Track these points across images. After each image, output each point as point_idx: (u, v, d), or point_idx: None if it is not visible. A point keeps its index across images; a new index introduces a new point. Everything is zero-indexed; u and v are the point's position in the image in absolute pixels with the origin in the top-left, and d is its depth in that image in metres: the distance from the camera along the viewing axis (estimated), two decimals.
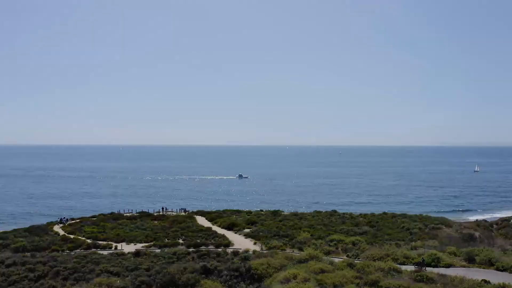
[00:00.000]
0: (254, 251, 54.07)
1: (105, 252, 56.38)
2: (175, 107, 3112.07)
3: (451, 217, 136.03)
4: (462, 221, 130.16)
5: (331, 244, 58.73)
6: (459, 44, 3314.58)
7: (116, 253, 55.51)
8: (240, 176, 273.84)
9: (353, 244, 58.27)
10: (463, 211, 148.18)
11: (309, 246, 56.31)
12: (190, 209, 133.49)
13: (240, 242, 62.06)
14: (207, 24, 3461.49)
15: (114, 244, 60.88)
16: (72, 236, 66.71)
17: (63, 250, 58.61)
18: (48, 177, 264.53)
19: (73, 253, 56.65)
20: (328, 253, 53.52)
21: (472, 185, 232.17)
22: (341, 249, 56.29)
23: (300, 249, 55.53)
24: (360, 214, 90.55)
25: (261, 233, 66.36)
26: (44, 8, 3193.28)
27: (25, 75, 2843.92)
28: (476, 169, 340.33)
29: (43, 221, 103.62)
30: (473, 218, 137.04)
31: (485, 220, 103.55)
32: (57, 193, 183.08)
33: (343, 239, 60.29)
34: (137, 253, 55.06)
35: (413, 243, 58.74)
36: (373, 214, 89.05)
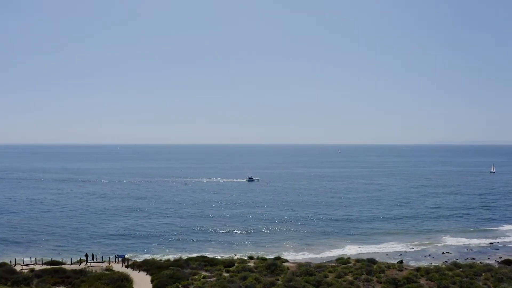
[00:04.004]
0: None
1: None
2: (175, 106, 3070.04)
3: (495, 238, 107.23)
4: None
5: None
6: (456, 41, 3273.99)
7: None
8: (250, 178, 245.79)
9: None
10: (499, 230, 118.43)
11: None
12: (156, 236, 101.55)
13: None
14: (204, 22, 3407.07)
15: None
16: None
17: None
18: (26, 180, 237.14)
19: None
20: None
21: (494, 190, 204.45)
22: None
23: None
24: (419, 269, 55.04)
25: None
26: (42, 6, 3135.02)
27: (19, 72, 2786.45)
28: (492, 170, 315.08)
29: None
30: None
31: None
32: (15, 203, 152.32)
33: None
34: None
35: None
36: (438, 271, 53.65)
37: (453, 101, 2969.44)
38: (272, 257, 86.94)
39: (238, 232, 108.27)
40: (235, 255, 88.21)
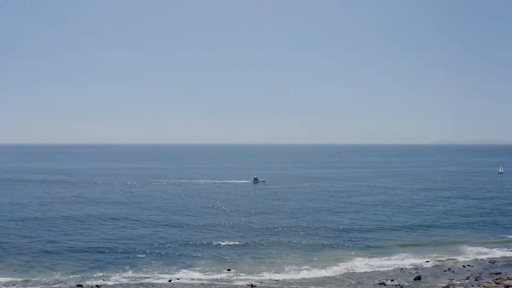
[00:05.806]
0: None
1: None
2: (175, 105, 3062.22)
3: None
4: None
5: None
6: (451, 38, 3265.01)
7: None
8: (256, 179, 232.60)
9: None
10: None
11: None
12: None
13: None
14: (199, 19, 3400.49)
15: None
16: None
17: None
18: (14, 182, 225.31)
19: None
20: None
21: (505, 193, 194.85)
22: None
23: None
24: None
25: None
26: (41, 5, 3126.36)
27: (14, 70, 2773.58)
28: (500, 171, 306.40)
29: None
30: None
31: None
32: None
33: None
34: None
35: None
36: None
37: (453, 101, 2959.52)
38: (272, 273, 77.56)
39: (234, 243, 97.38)
40: (228, 270, 78.51)
